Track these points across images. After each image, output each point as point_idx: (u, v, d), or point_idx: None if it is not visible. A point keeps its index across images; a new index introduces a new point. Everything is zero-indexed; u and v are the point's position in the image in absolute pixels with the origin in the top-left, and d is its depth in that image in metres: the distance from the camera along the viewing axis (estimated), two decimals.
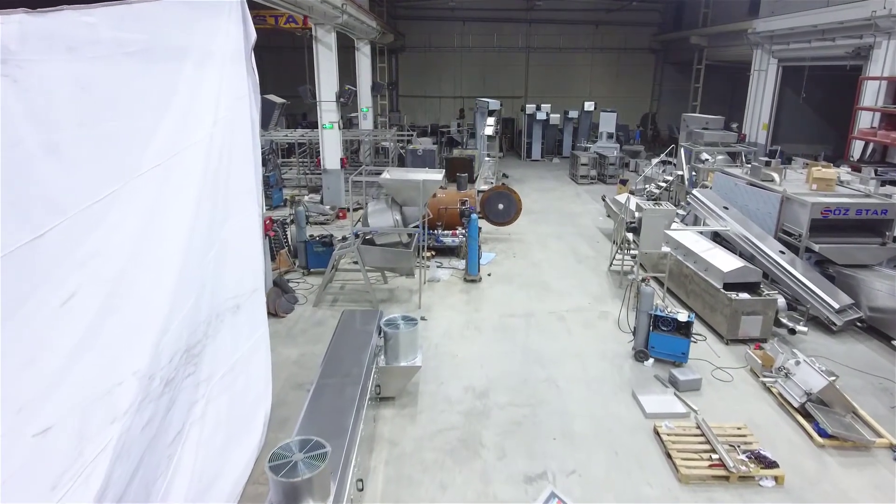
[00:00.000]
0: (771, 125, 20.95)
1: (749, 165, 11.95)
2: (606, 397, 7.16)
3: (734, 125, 21.12)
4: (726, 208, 10.62)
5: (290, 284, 10.67)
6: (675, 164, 18.92)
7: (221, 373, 6.01)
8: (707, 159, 14.09)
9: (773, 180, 10.92)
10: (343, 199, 15.39)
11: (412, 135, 20.59)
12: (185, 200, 5.13)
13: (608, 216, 15.66)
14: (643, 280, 7.88)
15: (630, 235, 10.01)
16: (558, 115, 25.80)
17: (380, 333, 6.90)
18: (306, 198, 16.64)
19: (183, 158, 5.14)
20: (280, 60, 24.71)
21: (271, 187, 16.38)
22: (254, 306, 6.70)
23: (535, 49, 31.30)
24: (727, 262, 8.90)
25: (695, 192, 11.18)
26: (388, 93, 28.62)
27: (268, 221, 9.25)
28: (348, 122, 24.43)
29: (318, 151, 15.79)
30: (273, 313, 9.36)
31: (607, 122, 23.18)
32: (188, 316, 5.15)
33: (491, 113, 20.82)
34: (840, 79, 20.62)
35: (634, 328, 8.09)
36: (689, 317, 7.61)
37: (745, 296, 8.47)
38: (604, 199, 14.39)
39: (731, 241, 10.39)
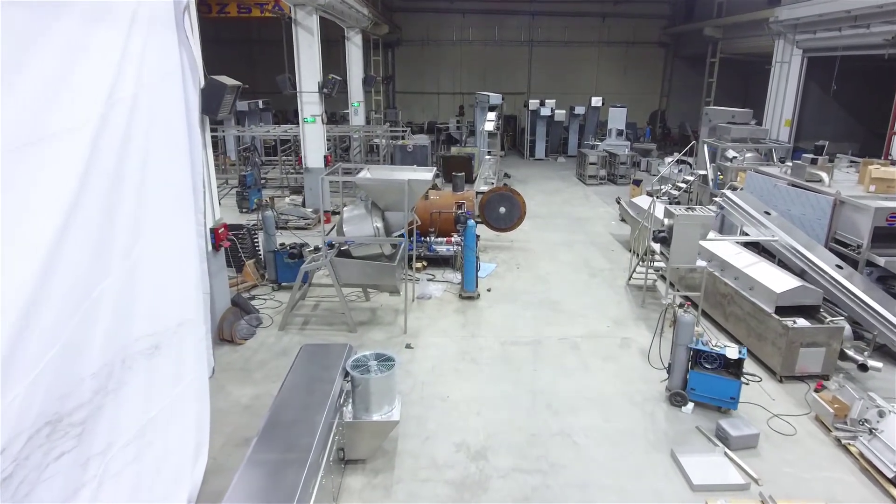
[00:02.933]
0: (794, 121, 19.35)
1: (790, 164, 10.38)
2: (638, 459, 5.58)
3: (752, 122, 19.56)
4: (768, 213, 9.04)
5: (256, 302, 9.11)
6: (691, 165, 17.38)
7: (126, 439, 4.45)
8: (735, 157, 12.50)
9: (821, 181, 9.34)
10: (328, 202, 13.85)
11: (406, 131, 18.99)
12: (45, 212, 3.57)
13: (622, 221, 14.10)
14: (680, 305, 6.30)
15: (657, 246, 8.44)
16: (563, 112, 24.21)
17: (346, 377, 5.34)
18: (287, 199, 15.11)
19: (41, 151, 3.57)
20: (271, 53, 23.21)
21: (248, 188, 14.88)
22: (181, 345, 5.16)
23: (538, 43, 29.73)
24: (779, 280, 7.32)
25: (728, 193, 9.62)
26: (383, 88, 27.07)
27: (222, 229, 7.70)
28: (342, 118, 22.89)
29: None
30: (228, 339, 7.81)
31: (617, 119, 21.63)
32: (52, 376, 3.59)
33: (492, 108, 19.24)
34: (871, 70, 19.01)
35: (669, 364, 6.51)
36: (740, 353, 6.03)
37: (803, 322, 6.90)
38: (618, 202, 12.82)
39: (776, 252, 8.79)
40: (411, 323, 8.42)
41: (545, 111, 23.49)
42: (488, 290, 9.72)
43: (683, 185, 14.08)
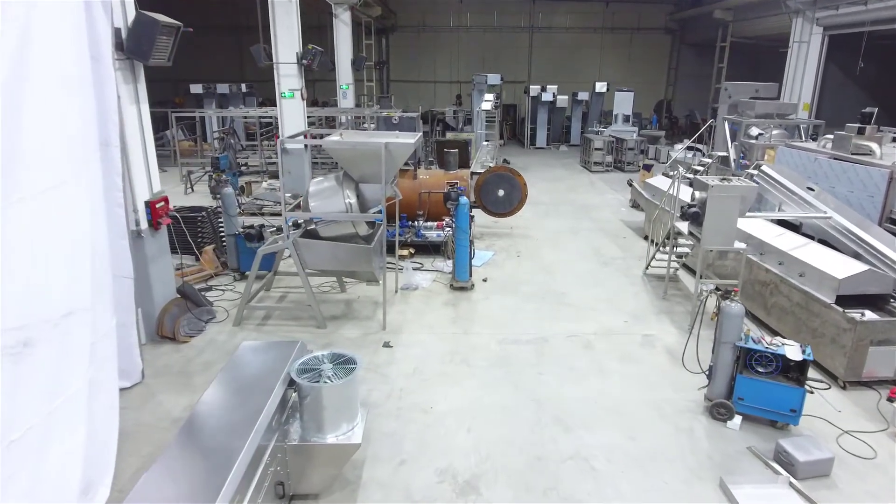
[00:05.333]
0: (814, 106, 18.05)
1: (829, 136, 9.08)
2: (677, 491, 4.26)
3: None
4: (811, 189, 7.73)
5: (213, 294, 7.81)
6: (703, 152, 16.12)
7: None
8: (760, 134, 11.20)
9: (871, 153, 8.04)
10: (306, 182, 12.53)
11: (399, 111, 17.66)
12: None
13: (633, 207, 12.82)
14: (727, 292, 4.99)
15: (684, 227, 7.12)
16: (566, 97, 22.91)
17: (293, 385, 4.04)
18: (264, 184, 13.81)
19: None
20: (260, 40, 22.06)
21: (222, 171, 13.57)
22: (67, 342, 3.85)
23: (539, 29, 28.40)
24: (839, 263, 6.01)
25: (764, 167, 8.31)
26: (376, 74, 25.75)
27: (161, 203, 6.37)
28: (334, 105, 21.56)
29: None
30: (170, 337, 6.49)
31: (623, 103, 20.31)
32: None
33: (491, 88, 17.95)
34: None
35: (710, 367, 5.20)
36: (804, 353, 4.72)
37: (872, 316, 5.59)
38: (630, 185, 11.53)
39: (819, 234, 7.48)
40: (392, 317, 7.12)
41: (546, 96, 22.17)
42: (484, 281, 8.41)
43: (700, 168, 12.75)
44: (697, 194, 6.50)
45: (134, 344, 5.56)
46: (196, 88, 19.56)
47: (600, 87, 22.85)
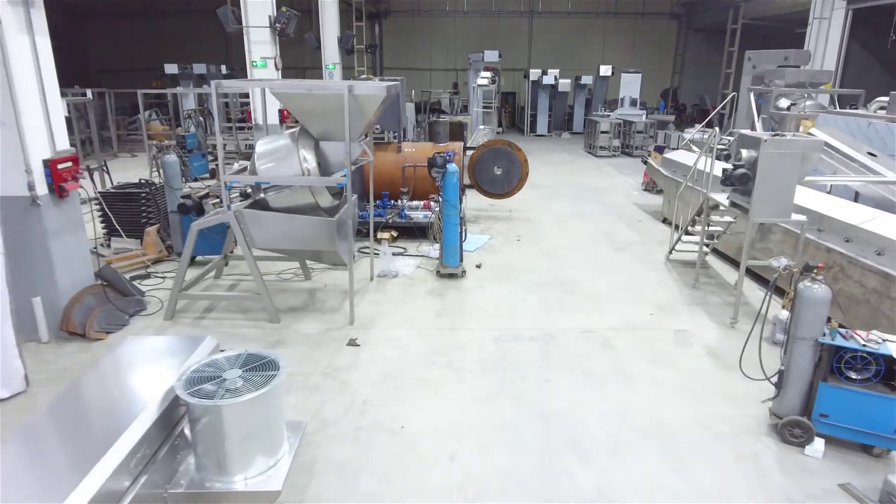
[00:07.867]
0: (836, 86, 16.74)
1: (882, 99, 7.78)
2: None
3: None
4: (872, 154, 6.41)
5: (152, 282, 6.48)
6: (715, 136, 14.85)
7: None
8: (792, 104, 9.88)
9: None
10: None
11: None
12: None
13: (647, 190, 11.52)
14: (807, 269, 3.65)
15: (722, 197, 5.79)
16: (568, 82, 21.59)
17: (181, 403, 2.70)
18: (236, 165, 12.44)
19: None
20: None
21: (190, 152, 12.30)
22: None
23: (539, 14, 27.06)
24: None
25: (813, 131, 7.01)
26: (367, 58, 24.42)
27: (68, 164, 5.04)
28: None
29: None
30: (79, 333, 5.15)
31: (630, 86, 18.99)
32: None
33: (488, 67, 16.63)
34: None
35: (779, 372, 3.86)
36: None
37: None
38: (645, 163, 10.22)
39: (889, 207, 6.16)
40: (364, 309, 5.78)
41: (548, 80, 20.86)
42: (477, 267, 7.07)
43: (722, 146, 11.43)
44: (745, 153, 5.16)
45: (11, 343, 4.22)
46: (171, 69, 18.23)
47: (605, 70, 21.49)
